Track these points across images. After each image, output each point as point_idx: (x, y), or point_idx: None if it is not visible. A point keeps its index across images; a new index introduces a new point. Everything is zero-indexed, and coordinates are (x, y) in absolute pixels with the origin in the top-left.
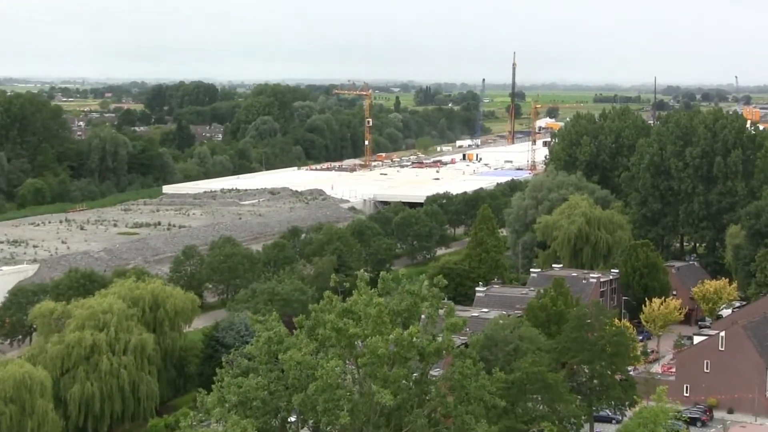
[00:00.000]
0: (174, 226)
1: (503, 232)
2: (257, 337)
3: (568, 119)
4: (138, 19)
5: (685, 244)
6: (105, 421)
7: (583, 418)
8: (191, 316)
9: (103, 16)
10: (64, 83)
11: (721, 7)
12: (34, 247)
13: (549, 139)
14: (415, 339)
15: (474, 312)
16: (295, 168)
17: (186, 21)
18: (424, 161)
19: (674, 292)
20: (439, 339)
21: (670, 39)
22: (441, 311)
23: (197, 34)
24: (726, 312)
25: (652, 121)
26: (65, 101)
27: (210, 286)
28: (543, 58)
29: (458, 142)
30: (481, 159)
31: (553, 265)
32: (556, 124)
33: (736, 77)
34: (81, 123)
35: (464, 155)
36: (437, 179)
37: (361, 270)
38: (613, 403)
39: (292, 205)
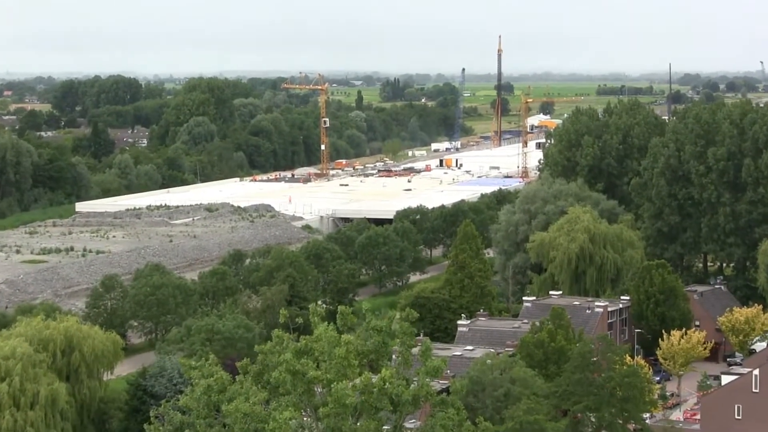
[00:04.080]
0: (90, 251)
1: (489, 253)
2: (194, 386)
3: (565, 116)
4: (42, 0)
5: (709, 264)
6: None
7: None
8: (113, 361)
9: None
10: None
11: None
12: None
13: (543, 140)
14: (386, 385)
15: (456, 350)
16: (237, 179)
17: (102, 2)
18: (393, 169)
19: (697, 323)
20: (415, 384)
21: (687, 18)
22: (414, 350)
23: (116, 19)
24: (760, 346)
25: (667, 117)
26: None
27: (135, 324)
28: (534, 42)
29: (434, 146)
30: (461, 165)
31: (551, 292)
32: (552, 122)
33: (762, 63)
34: None
35: (441, 161)
36: (409, 190)
37: (318, 302)
38: None
39: (233, 224)
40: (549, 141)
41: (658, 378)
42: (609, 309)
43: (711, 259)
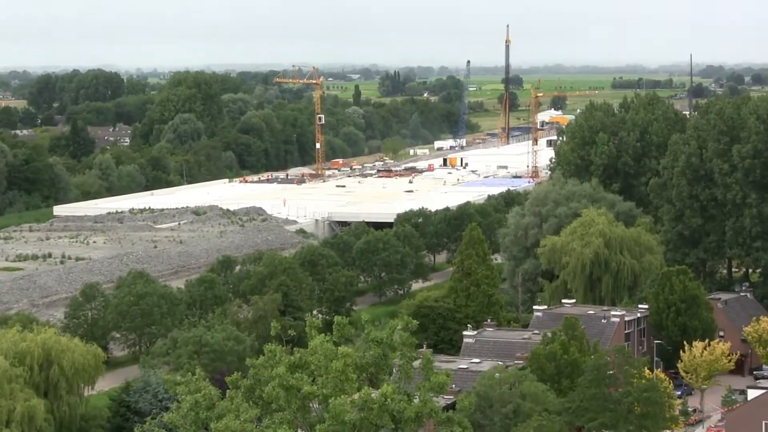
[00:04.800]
0: (69, 258)
1: (497, 258)
2: (180, 402)
3: (578, 111)
4: None
5: (733, 270)
6: None
7: None
8: (94, 376)
9: None
10: None
11: None
12: None
13: (554, 138)
14: (387, 401)
15: (462, 363)
16: (226, 180)
17: None
18: (394, 169)
19: (721, 333)
20: (417, 400)
21: (710, 5)
22: (416, 363)
23: (96, 8)
24: None
25: (688, 112)
26: None
27: (118, 335)
28: (545, 32)
29: (437, 144)
30: (467, 165)
31: (563, 301)
32: (564, 118)
33: None
34: None
35: (445, 160)
36: (410, 192)
37: (313, 312)
38: None
39: (222, 228)
40: (561, 138)
41: (679, 393)
42: (626, 318)
43: (736, 264)
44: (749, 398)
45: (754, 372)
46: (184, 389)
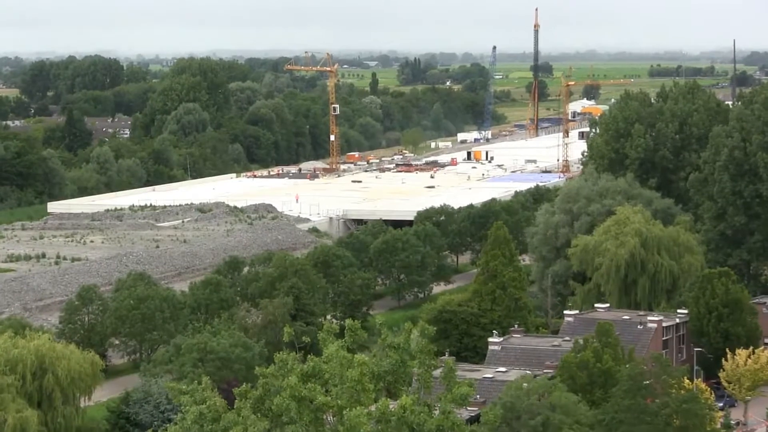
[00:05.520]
0: (64, 258)
1: (525, 260)
2: (184, 413)
3: (613, 101)
4: None
5: None
6: None
7: None
8: (91, 385)
9: None
10: None
11: None
12: None
13: (587, 130)
14: (406, 413)
15: (487, 372)
16: (234, 175)
17: None
18: (414, 163)
19: (766, 340)
20: (437, 412)
21: None
22: (437, 372)
23: None
24: None
25: (731, 102)
26: None
27: (117, 342)
28: (576, 16)
29: (460, 136)
30: (492, 159)
31: (596, 305)
32: (597, 108)
33: None
34: None
35: (469, 153)
36: (432, 188)
37: (327, 317)
38: None
39: (229, 226)
40: (594, 130)
41: (721, 404)
42: (664, 324)
43: None
44: None
45: None
46: (188, 399)
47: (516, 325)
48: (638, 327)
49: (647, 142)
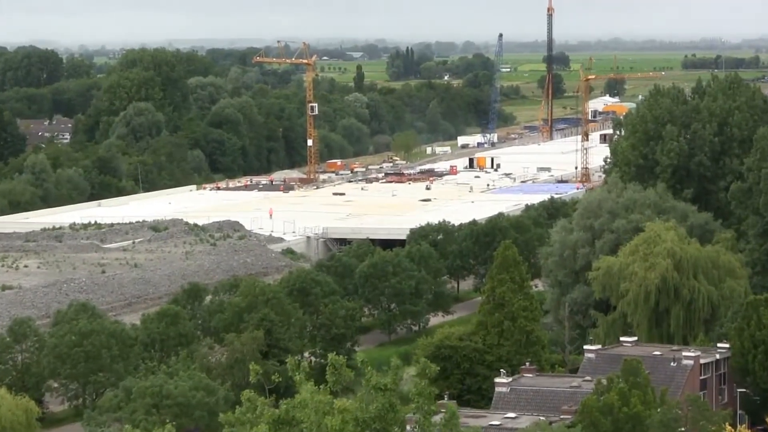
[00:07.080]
0: None
1: (538, 285)
2: None
3: (640, 98)
4: None
5: None
6: None
7: None
8: None
9: None
10: None
11: None
12: None
13: (610, 132)
14: None
15: (493, 418)
16: (193, 187)
17: None
18: (406, 172)
19: None
20: None
21: None
22: (436, 418)
23: None
24: None
25: None
26: None
27: (56, 385)
28: None
29: (461, 140)
30: (499, 166)
31: (622, 339)
32: (622, 107)
33: None
34: None
35: (471, 160)
36: (428, 201)
37: (305, 354)
38: None
39: (189, 248)
40: (618, 132)
41: None
42: (701, 361)
43: None
44: None
45: None
46: None
47: (527, 363)
48: (671, 364)
49: (681, 146)
